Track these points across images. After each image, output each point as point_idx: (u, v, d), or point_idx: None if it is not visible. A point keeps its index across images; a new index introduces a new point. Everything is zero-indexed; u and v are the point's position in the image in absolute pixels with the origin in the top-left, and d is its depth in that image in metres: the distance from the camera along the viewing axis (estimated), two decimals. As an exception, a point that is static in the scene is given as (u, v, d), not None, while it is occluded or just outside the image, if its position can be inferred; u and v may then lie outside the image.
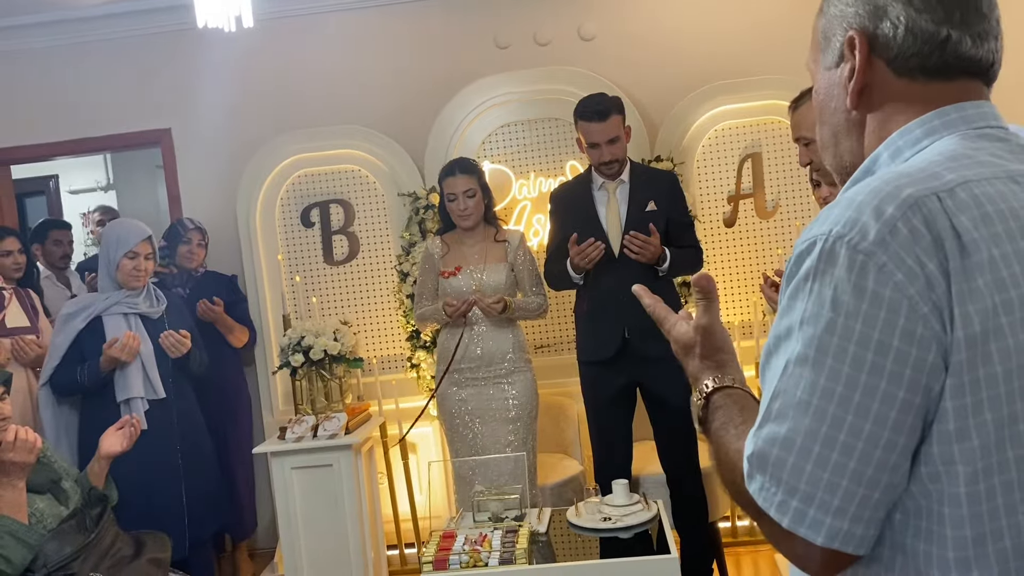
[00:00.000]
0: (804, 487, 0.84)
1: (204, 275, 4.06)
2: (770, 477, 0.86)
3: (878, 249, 0.83)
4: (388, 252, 4.27)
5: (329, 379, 3.65)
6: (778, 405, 0.87)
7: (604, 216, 3.36)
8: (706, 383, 1.09)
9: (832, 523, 0.84)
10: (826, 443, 0.84)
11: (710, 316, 1.12)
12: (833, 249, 0.85)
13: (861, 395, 0.83)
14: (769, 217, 4.15)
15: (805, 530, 0.85)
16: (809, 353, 0.85)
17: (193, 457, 3.36)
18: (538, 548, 2.73)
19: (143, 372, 3.27)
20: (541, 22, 4.31)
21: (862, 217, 0.85)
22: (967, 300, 0.82)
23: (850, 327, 0.83)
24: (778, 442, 0.86)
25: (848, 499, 0.84)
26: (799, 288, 0.88)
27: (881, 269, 0.83)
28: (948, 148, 0.92)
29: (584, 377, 3.45)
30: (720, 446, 1.01)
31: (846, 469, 0.83)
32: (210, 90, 4.39)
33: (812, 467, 0.84)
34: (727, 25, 4.22)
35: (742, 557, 3.87)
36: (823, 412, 0.84)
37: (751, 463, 0.88)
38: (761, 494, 0.87)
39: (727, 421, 1.02)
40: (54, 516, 2.51)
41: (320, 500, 3.50)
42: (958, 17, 0.94)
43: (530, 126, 4.19)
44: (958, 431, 0.83)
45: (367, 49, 4.38)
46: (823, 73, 1.05)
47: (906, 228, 0.83)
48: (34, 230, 4.69)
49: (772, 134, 4.12)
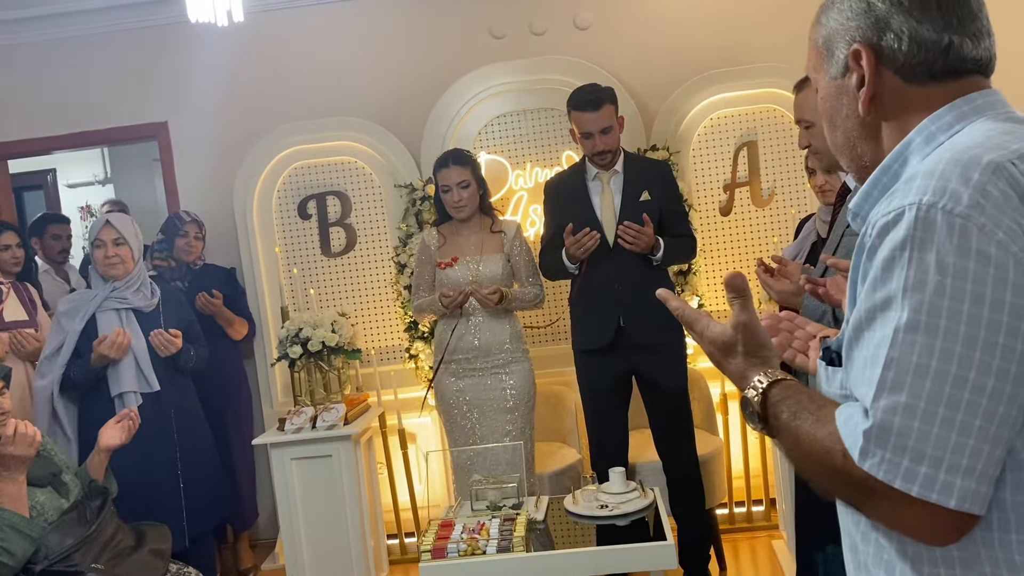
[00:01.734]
0: (932, 451, 0.84)
1: (203, 268, 4.07)
2: (892, 448, 0.85)
3: (974, 211, 0.86)
4: (385, 244, 4.28)
5: (327, 370, 3.67)
6: (893, 374, 0.86)
7: (598, 206, 3.37)
8: (758, 379, 1.06)
9: (963, 484, 0.84)
10: (950, 404, 0.84)
11: (748, 313, 1.11)
12: (929, 215, 0.87)
13: (982, 352, 0.84)
14: (765, 205, 4.16)
15: (937, 495, 0.84)
16: (920, 318, 0.85)
17: (192, 450, 3.37)
18: (536, 536, 2.75)
19: (136, 366, 3.27)
20: (536, 11, 4.31)
21: (950, 184, 0.88)
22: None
23: (960, 287, 0.85)
24: (899, 410, 0.85)
25: (976, 457, 0.84)
26: (895, 258, 0.88)
27: (982, 229, 0.85)
28: (990, 126, 0.97)
29: (580, 366, 3.47)
30: (800, 436, 0.97)
31: (972, 428, 0.84)
32: (206, 83, 4.39)
33: (938, 430, 0.84)
34: (723, 13, 4.22)
35: (739, 543, 3.89)
36: (944, 374, 0.84)
37: (868, 439, 0.87)
38: (883, 467, 0.86)
39: (799, 410, 0.99)
40: (55, 509, 2.53)
41: (320, 490, 3.52)
42: (956, 22, 0.99)
43: (526, 116, 4.19)
44: None
45: (362, 40, 4.38)
46: (829, 82, 1.08)
47: (996, 190, 0.87)
48: (32, 224, 4.70)
49: (768, 122, 4.13)
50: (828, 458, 0.92)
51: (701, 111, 4.14)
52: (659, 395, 3.35)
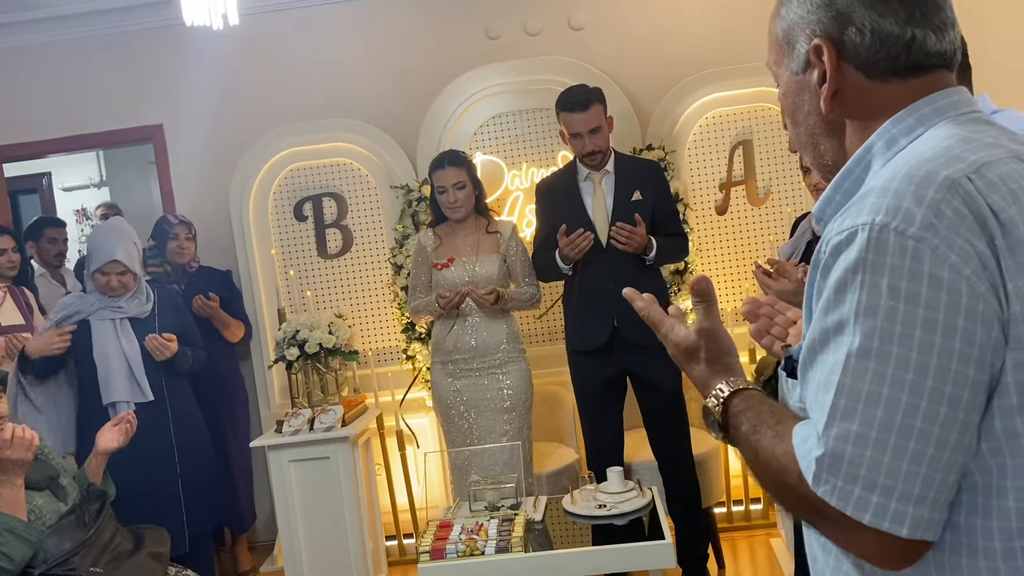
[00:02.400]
0: (883, 480, 0.83)
1: (199, 270, 4.07)
2: (844, 476, 0.84)
3: (927, 233, 0.83)
4: (382, 245, 4.28)
5: (325, 372, 3.67)
6: (844, 401, 0.85)
7: (590, 207, 3.38)
8: (720, 388, 1.06)
9: (915, 512, 0.83)
10: (902, 432, 0.82)
11: (712, 319, 1.10)
12: (881, 237, 0.84)
13: (933, 379, 0.82)
14: (761, 204, 4.17)
15: (888, 524, 0.83)
16: (872, 344, 0.83)
17: (190, 453, 3.36)
18: (534, 536, 2.76)
19: (130, 375, 3.26)
20: (531, 12, 4.31)
21: (904, 203, 0.85)
22: (1016, 275, 0.84)
23: (912, 313, 0.82)
24: (851, 439, 0.84)
25: (928, 486, 0.83)
26: (847, 281, 0.86)
27: (935, 252, 0.83)
28: (950, 132, 0.94)
29: (574, 366, 3.48)
30: (759, 450, 0.97)
31: (924, 456, 0.82)
32: (201, 85, 4.39)
33: (890, 458, 0.82)
34: (717, 13, 4.22)
35: (738, 542, 3.90)
36: (895, 401, 0.82)
37: (821, 465, 0.85)
38: (835, 495, 0.84)
39: (758, 424, 0.98)
40: (53, 512, 2.53)
41: (318, 492, 3.53)
42: (919, 15, 0.95)
43: (521, 116, 4.20)
44: (1021, 404, 0.84)
45: (357, 42, 4.38)
46: (790, 77, 1.05)
47: (950, 210, 0.84)
48: (28, 228, 4.69)
49: (763, 121, 4.13)
50: (784, 477, 0.91)
51: (696, 111, 4.14)
52: (654, 395, 3.36)
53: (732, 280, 4.20)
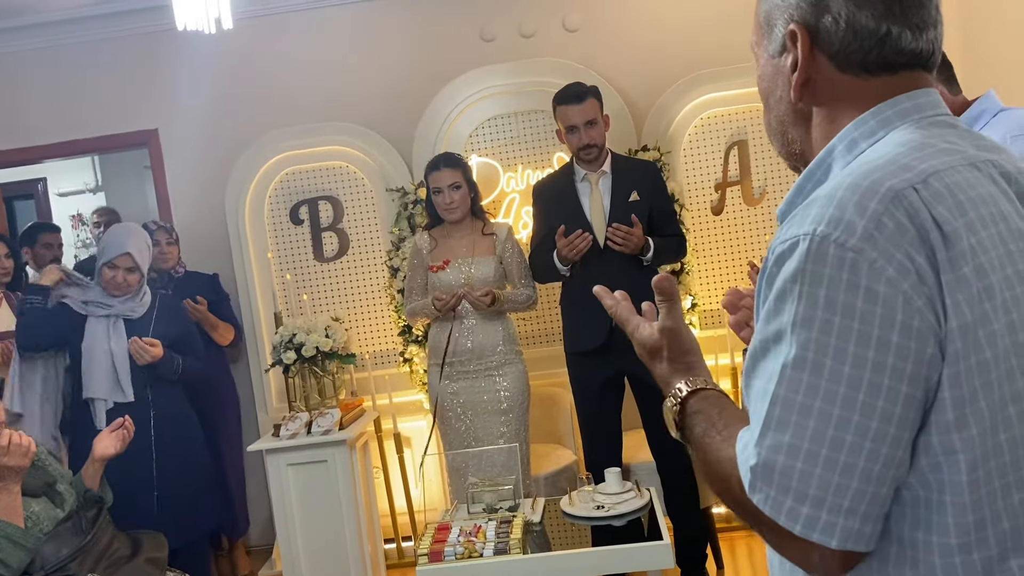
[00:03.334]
0: (814, 492, 0.83)
1: (185, 275, 4.07)
2: (777, 486, 0.84)
3: (866, 245, 0.82)
4: (378, 247, 4.28)
5: (322, 375, 3.67)
6: (778, 412, 0.85)
7: (588, 207, 3.38)
8: (678, 387, 1.06)
9: (844, 524, 0.83)
10: (833, 445, 0.82)
11: (674, 318, 1.10)
12: (820, 248, 0.84)
13: (865, 394, 0.82)
14: (756, 204, 4.17)
15: (818, 535, 0.84)
16: (807, 356, 0.83)
17: (180, 460, 3.33)
18: (532, 538, 2.76)
19: (112, 374, 3.24)
20: (525, 14, 4.32)
21: (845, 214, 0.84)
22: (956, 290, 0.83)
23: (847, 326, 0.82)
24: (783, 450, 0.84)
25: (858, 499, 0.83)
26: (786, 290, 0.85)
27: (872, 265, 0.82)
28: (907, 138, 0.92)
29: (572, 368, 3.48)
30: (707, 453, 0.98)
31: (855, 469, 0.82)
32: (196, 90, 4.39)
33: (821, 471, 0.83)
34: (711, 13, 4.23)
35: (736, 542, 3.90)
36: (827, 414, 0.82)
37: (755, 475, 0.85)
38: (767, 504, 0.85)
39: (708, 427, 0.99)
40: (50, 519, 2.52)
41: (316, 496, 3.52)
42: (898, 10, 0.94)
43: (517, 118, 4.20)
44: (957, 420, 0.83)
45: (352, 45, 4.38)
46: (767, 60, 1.04)
47: (891, 222, 0.83)
48: (23, 233, 4.68)
49: (758, 121, 4.14)
50: (727, 483, 0.92)
51: (691, 111, 4.15)
52: (652, 396, 3.36)
53: (728, 280, 4.21)
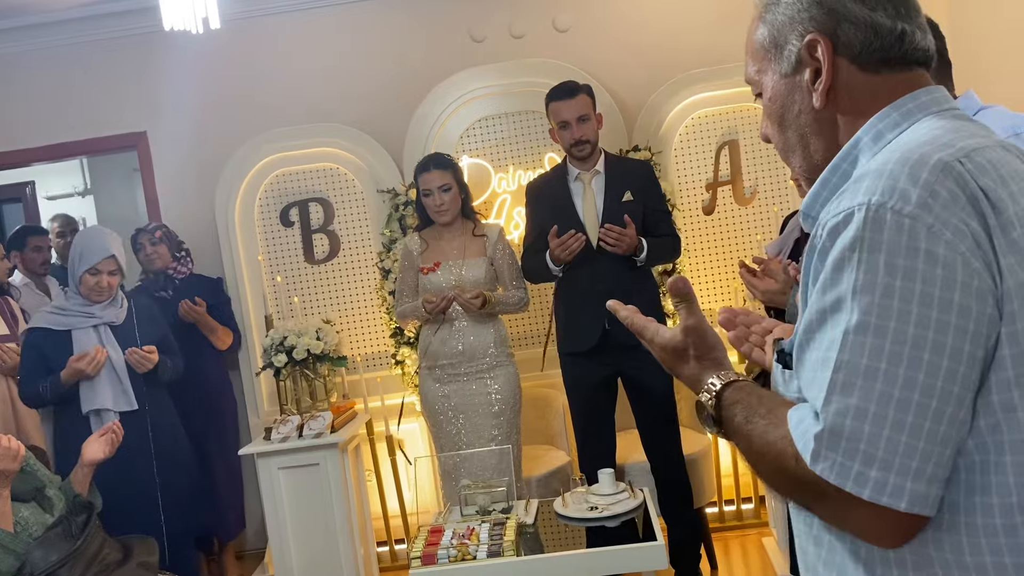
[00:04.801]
0: (882, 454, 0.84)
1: (189, 277, 4.05)
2: (844, 451, 0.85)
3: (923, 212, 0.85)
4: (369, 249, 4.27)
5: (313, 378, 3.65)
6: (843, 376, 0.86)
7: (580, 208, 3.37)
8: (711, 382, 1.06)
9: (913, 487, 0.84)
10: (900, 406, 0.84)
11: (696, 316, 1.11)
12: (878, 216, 0.86)
13: (930, 353, 0.84)
14: (747, 204, 4.17)
15: (888, 498, 0.84)
16: (870, 320, 0.85)
17: (170, 464, 3.33)
18: (526, 540, 2.75)
19: (116, 382, 3.23)
20: (515, 15, 4.31)
21: (899, 184, 0.87)
22: (1009, 252, 0.86)
23: (909, 288, 0.84)
24: (850, 413, 0.85)
25: (926, 459, 0.84)
26: (844, 259, 0.88)
27: (930, 229, 0.85)
28: (937, 124, 0.97)
29: (566, 368, 3.47)
30: (752, 438, 0.98)
31: (922, 429, 0.84)
32: (185, 92, 4.37)
33: (889, 432, 0.84)
34: (702, 13, 4.23)
35: (730, 541, 3.90)
36: (894, 375, 0.84)
37: (820, 442, 0.86)
38: (834, 471, 0.85)
39: (750, 414, 0.99)
40: (39, 524, 2.50)
41: (308, 499, 3.50)
42: (904, 12, 1.00)
43: (507, 119, 4.19)
44: (1016, 377, 0.85)
45: (342, 46, 4.36)
46: (778, 80, 1.07)
47: (944, 190, 0.86)
48: (11, 237, 4.65)
49: (749, 121, 4.14)
50: (780, 461, 0.92)
51: (682, 111, 4.15)
52: (645, 396, 3.36)
53: (720, 280, 4.21)
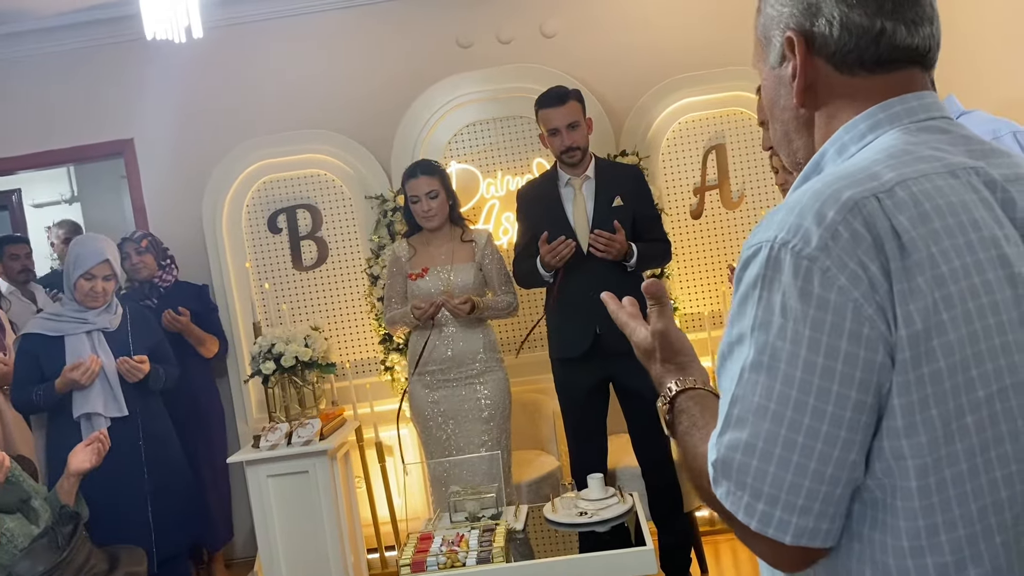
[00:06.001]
0: (768, 490, 0.86)
1: (174, 285, 4.03)
2: (735, 482, 0.87)
3: (821, 254, 0.84)
4: (358, 256, 4.26)
5: (302, 385, 3.64)
6: (737, 411, 0.88)
7: (571, 213, 3.37)
8: (669, 387, 1.10)
9: (798, 522, 0.86)
10: (786, 446, 0.85)
11: (664, 320, 1.14)
12: (779, 256, 0.87)
13: (815, 398, 0.84)
14: (735, 207, 4.19)
15: (773, 531, 0.86)
16: (763, 359, 0.86)
17: (161, 473, 3.33)
18: (515, 546, 2.74)
19: (107, 387, 3.24)
20: (503, 20, 4.32)
21: (804, 222, 0.87)
22: (908, 299, 0.84)
23: (799, 332, 0.85)
24: (740, 447, 0.87)
25: (812, 498, 0.85)
26: (748, 295, 0.89)
27: (825, 273, 0.84)
28: (890, 144, 0.94)
29: (557, 374, 3.47)
30: (687, 450, 1.02)
31: (807, 469, 0.85)
32: (171, 98, 4.35)
33: (775, 469, 0.85)
34: (688, 18, 4.24)
35: (720, 545, 3.90)
36: (780, 416, 0.85)
37: (716, 469, 0.89)
38: (728, 499, 0.88)
39: (691, 425, 1.03)
40: (25, 535, 2.48)
41: (297, 507, 3.49)
42: (890, 7, 0.94)
43: (495, 125, 4.19)
44: (906, 427, 0.85)
45: (328, 53, 4.36)
46: (769, 72, 1.06)
47: (847, 232, 0.85)
48: None
49: (735, 125, 4.16)
50: (701, 478, 0.95)
51: (669, 115, 4.16)
52: (636, 401, 3.35)
53: (708, 283, 4.22)
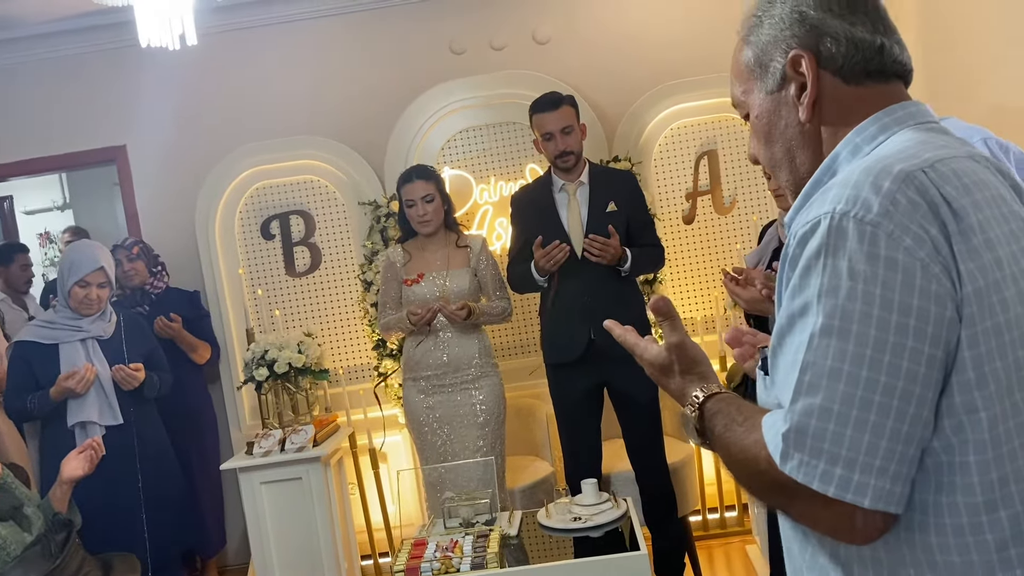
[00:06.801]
0: (846, 452, 0.87)
1: (165, 291, 4.02)
2: (810, 450, 0.88)
3: (883, 219, 0.89)
4: (351, 262, 4.26)
5: (295, 392, 3.63)
6: (808, 377, 0.89)
7: (565, 218, 3.38)
8: (695, 395, 1.10)
9: (877, 484, 0.87)
10: (863, 406, 0.87)
11: (679, 333, 1.16)
12: (841, 224, 0.90)
13: (891, 355, 0.87)
14: (727, 212, 4.20)
15: (852, 495, 0.87)
16: (833, 323, 0.88)
17: (155, 480, 3.32)
18: (510, 551, 2.74)
19: (102, 396, 3.23)
20: (495, 27, 4.33)
21: (862, 193, 0.91)
22: (968, 258, 0.90)
23: (870, 292, 0.88)
24: (815, 413, 0.88)
25: (889, 458, 0.87)
26: (810, 266, 0.91)
27: (890, 236, 0.88)
28: (910, 136, 1.01)
29: (552, 379, 3.47)
30: (730, 445, 1.02)
31: (884, 428, 0.87)
32: (164, 105, 4.35)
33: (852, 431, 0.87)
34: (680, 24, 4.26)
35: (714, 550, 3.91)
36: (856, 376, 0.87)
37: (787, 441, 0.89)
38: (801, 469, 0.89)
39: (729, 422, 1.03)
40: (18, 543, 2.47)
41: (290, 513, 3.48)
42: (882, 28, 1.05)
43: (488, 131, 4.20)
44: (977, 379, 0.89)
45: (322, 59, 4.36)
46: (764, 98, 1.11)
47: (904, 199, 0.90)
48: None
49: (727, 131, 4.17)
50: (754, 464, 0.96)
51: (661, 121, 4.18)
52: (630, 406, 3.36)
53: (701, 288, 4.23)
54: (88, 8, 3.81)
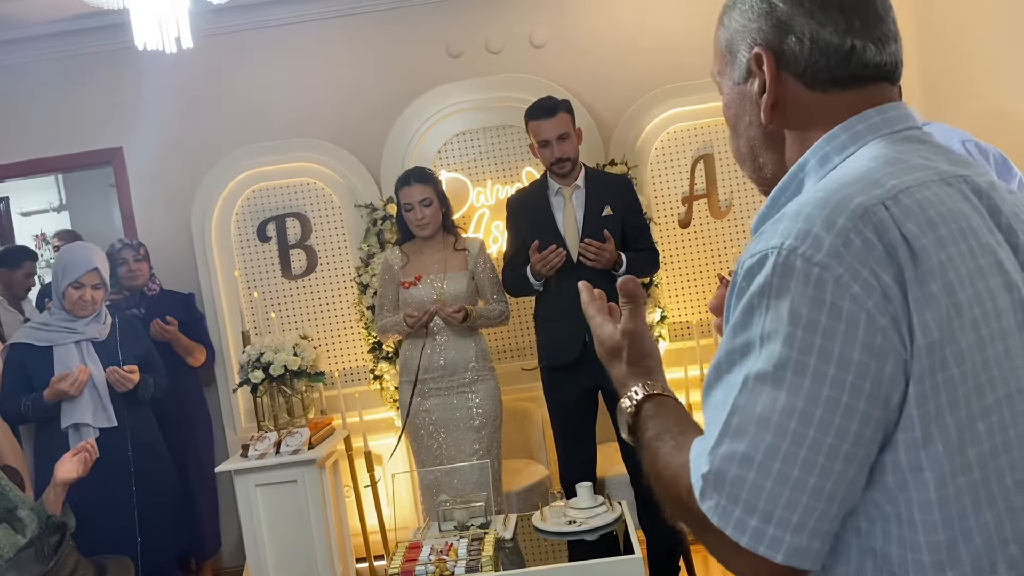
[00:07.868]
0: (763, 505, 0.83)
1: (160, 294, 4.02)
2: (728, 495, 0.84)
3: (833, 261, 0.82)
4: (347, 264, 4.26)
5: (291, 394, 3.63)
6: (736, 421, 0.84)
7: (561, 222, 3.39)
8: (635, 390, 1.06)
9: (792, 540, 0.83)
10: (787, 460, 0.82)
11: (636, 321, 1.11)
12: (788, 261, 0.84)
13: (823, 410, 0.82)
14: (723, 217, 4.21)
15: (765, 549, 0.83)
16: (769, 369, 0.83)
17: (149, 483, 3.32)
18: (504, 554, 2.74)
19: (96, 398, 3.23)
20: (492, 30, 4.33)
21: (813, 228, 0.84)
22: (924, 308, 0.83)
23: (810, 341, 0.82)
24: (736, 460, 0.83)
25: (807, 515, 0.83)
26: (754, 306, 0.86)
27: (837, 281, 0.82)
28: (879, 153, 0.93)
29: (546, 382, 3.48)
30: (657, 458, 0.97)
31: (807, 485, 0.82)
32: (161, 107, 4.34)
33: (772, 484, 0.82)
34: (677, 28, 4.27)
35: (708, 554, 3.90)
36: (784, 428, 0.82)
37: (706, 482, 0.85)
38: (717, 512, 0.84)
39: (662, 431, 0.99)
40: (11, 546, 2.47)
41: (286, 516, 3.48)
42: (859, 25, 0.95)
43: (485, 134, 4.21)
44: (924, 437, 0.83)
45: (319, 62, 4.36)
46: (732, 87, 1.04)
47: (859, 239, 0.83)
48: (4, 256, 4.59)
49: (723, 135, 4.18)
50: (675, 487, 0.92)
51: (657, 125, 4.18)
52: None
53: (696, 292, 4.23)
54: (84, 10, 3.80)
